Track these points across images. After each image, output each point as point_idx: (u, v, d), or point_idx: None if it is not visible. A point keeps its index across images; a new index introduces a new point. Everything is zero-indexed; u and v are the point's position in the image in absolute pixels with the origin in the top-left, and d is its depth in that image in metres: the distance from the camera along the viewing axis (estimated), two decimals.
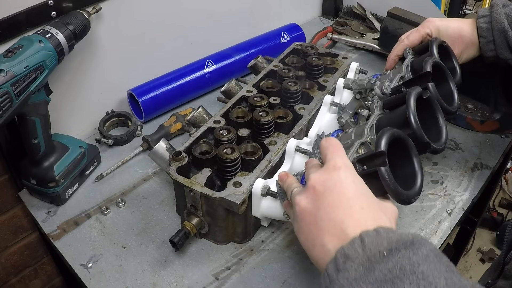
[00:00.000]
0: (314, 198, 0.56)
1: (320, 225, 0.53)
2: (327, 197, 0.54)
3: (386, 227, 0.50)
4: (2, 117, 0.73)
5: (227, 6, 1.25)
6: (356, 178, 0.56)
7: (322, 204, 0.54)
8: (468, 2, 2.29)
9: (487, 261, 2.26)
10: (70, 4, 0.87)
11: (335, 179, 0.55)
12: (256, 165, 0.82)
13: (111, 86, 1.08)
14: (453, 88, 0.84)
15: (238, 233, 0.84)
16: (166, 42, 1.14)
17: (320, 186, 0.55)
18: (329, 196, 0.54)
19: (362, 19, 1.49)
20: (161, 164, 0.86)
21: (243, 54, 1.24)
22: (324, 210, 0.54)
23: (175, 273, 0.80)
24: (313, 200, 0.56)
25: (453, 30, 0.91)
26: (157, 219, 0.89)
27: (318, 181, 0.56)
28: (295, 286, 0.78)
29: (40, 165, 0.88)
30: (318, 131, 0.86)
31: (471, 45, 0.90)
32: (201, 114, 0.94)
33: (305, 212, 0.56)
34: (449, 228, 0.88)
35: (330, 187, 0.55)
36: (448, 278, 0.42)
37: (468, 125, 1.10)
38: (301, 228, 0.57)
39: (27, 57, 0.75)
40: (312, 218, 0.55)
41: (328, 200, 0.54)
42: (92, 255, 0.82)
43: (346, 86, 0.92)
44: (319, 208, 0.54)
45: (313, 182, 0.56)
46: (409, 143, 0.64)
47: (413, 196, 0.60)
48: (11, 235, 0.98)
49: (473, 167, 1.01)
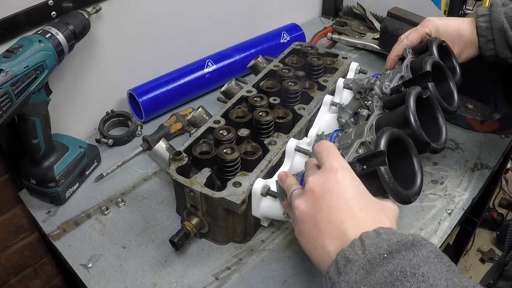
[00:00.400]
0: (313, 201, 0.55)
1: (320, 228, 0.53)
2: (326, 200, 0.54)
3: (387, 227, 0.49)
4: (2, 117, 0.73)
5: (227, 6, 1.25)
6: (354, 179, 0.55)
7: (321, 206, 0.54)
8: (468, 2, 2.29)
9: (487, 261, 2.26)
10: (70, 4, 0.87)
11: (333, 181, 0.55)
12: (256, 165, 0.82)
13: (111, 86, 1.08)
14: (453, 88, 0.84)
15: (238, 233, 0.84)
16: (166, 42, 1.14)
17: (319, 189, 0.55)
18: (328, 198, 0.54)
19: (362, 19, 1.50)
20: (161, 164, 0.86)
21: (243, 54, 1.24)
22: (323, 213, 0.53)
23: (175, 273, 0.80)
24: (312, 203, 0.56)
25: (453, 29, 0.91)
26: (157, 219, 0.89)
27: (316, 183, 0.56)
28: (295, 286, 0.78)
29: (40, 165, 0.88)
30: (318, 131, 0.86)
31: (470, 44, 0.90)
32: (201, 114, 0.94)
33: (304, 216, 0.56)
34: (449, 228, 0.88)
35: (328, 189, 0.54)
36: (449, 279, 0.42)
37: (468, 125, 1.10)
38: (302, 231, 0.56)
39: (27, 57, 0.75)
40: (312, 221, 0.55)
41: (327, 202, 0.54)
42: (92, 255, 0.82)
43: (346, 86, 0.92)
44: (318, 211, 0.54)
45: (311, 185, 0.56)
46: (408, 143, 0.64)
47: (412, 196, 0.60)
48: (11, 235, 0.98)
49: (473, 167, 1.01)
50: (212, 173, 0.81)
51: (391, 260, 0.44)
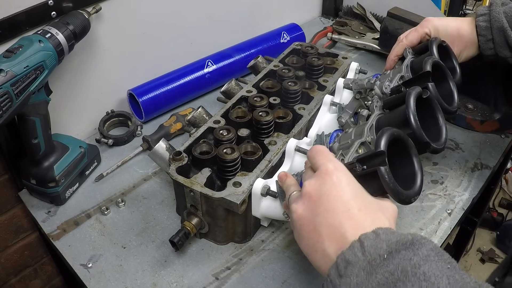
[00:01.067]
0: (310, 205, 0.55)
1: (320, 231, 0.53)
2: (323, 202, 0.54)
3: (385, 227, 0.49)
4: (2, 117, 0.73)
5: (227, 6, 1.25)
6: (350, 180, 0.55)
7: (319, 210, 0.54)
8: (468, 2, 2.29)
9: (487, 261, 2.25)
10: (70, 4, 0.87)
11: (329, 184, 0.55)
12: (256, 165, 0.82)
13: (111, 86, 1.08)
14: (453, 88, 0.84)
15: (238, 233, 0.84)
16: (166, 42, 1.14)
17: (315, 192, 0.55)
18: (325, 201, 0.54)
19: (362, 19, 1.49)
20: (161, 164, 0.86)
21: (243, 54, 1.24)
22: (322, 216, 0.53)
23: (175, 273, 0.80)
24: (309, 206, 0.56)
25: (452, 29, 0.91)
26: (157, 219, 0.89)
27: (313, 187, 0.56)
28: (295, 286, 0.78)
29: (40, 165, 0.88)
30: (318, 131, 0.86)
31: (470, 44, 0.90)
32: (201, 114, 0.94)
33: (303, 219, 0.56)
34: (449, 228, 0.88)
35: (325, 192, 0.54)
36: (450, 277, 0.42)
37: (468, 125, 1.10)
38: (301, 235, 0.56)
39: (27, 57, 0.75)
40: (311, 224, 0.55)
41: (324, 205, 0.54)
42: (92, 255, 0.82)
43: (346, 86, 0.92)
44: (316, 214, 0.54)
45: (308, 189, 0.56)
46: (409, 143, 0.64)
47: (413, 196, 0.60)
48: (11, 235, 0.98)
49: (473, 167, 1.01)
50: (212, 173, 0.81)
51: (391, 261, 0.44)
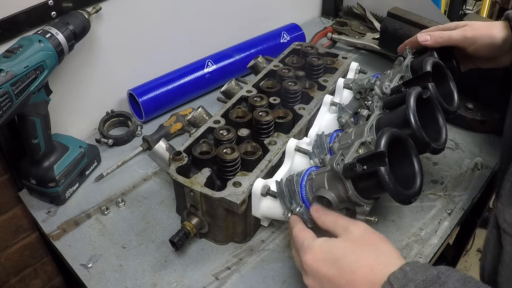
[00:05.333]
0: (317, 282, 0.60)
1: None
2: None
3: (399, 268, 0.51)
4: (2, 117, 0.73)
5: (227, 6, 1.25)
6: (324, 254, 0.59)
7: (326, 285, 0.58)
8: (468, 2, 2.29)
9: None
10: (70, 4, 0.87)
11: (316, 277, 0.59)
12: (256, 165, 0.82)
13: (111, 86, 1.08)
14: (453, 88, 0.84)
15: (238, 233, 0.84)
16: (166, 42, 1.14)
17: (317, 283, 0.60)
18: (328, 284, 0.58)
19: (362, 19, 1.49)
20: (161, 164, 0.86)
21: (243, 54, 1.24)
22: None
23: (175, 273, 0.80)
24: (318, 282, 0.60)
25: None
26: (157, 219, 0.89)
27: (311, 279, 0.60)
28: (295, 286, 0.78)
29: (40, 165, 0.88)
30: (318, 131, 0.86)
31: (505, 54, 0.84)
32: (201, 114, 0.94)
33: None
34: (449, 228, 0.88)
35: (321, 283, 0.59)
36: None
37: (468, 125, 1.10)
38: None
39: (27, 57, 0.75)
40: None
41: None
42: (92, 255, 0.82)
43: (346, 86, 0.92)
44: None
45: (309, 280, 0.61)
46: (409, 143, 0.64)
47: (413, 196, 0.60)
48: (11, 235, 0.98)
49: (473, 167, 1.01)
50: (212, 173, 0.81)
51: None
